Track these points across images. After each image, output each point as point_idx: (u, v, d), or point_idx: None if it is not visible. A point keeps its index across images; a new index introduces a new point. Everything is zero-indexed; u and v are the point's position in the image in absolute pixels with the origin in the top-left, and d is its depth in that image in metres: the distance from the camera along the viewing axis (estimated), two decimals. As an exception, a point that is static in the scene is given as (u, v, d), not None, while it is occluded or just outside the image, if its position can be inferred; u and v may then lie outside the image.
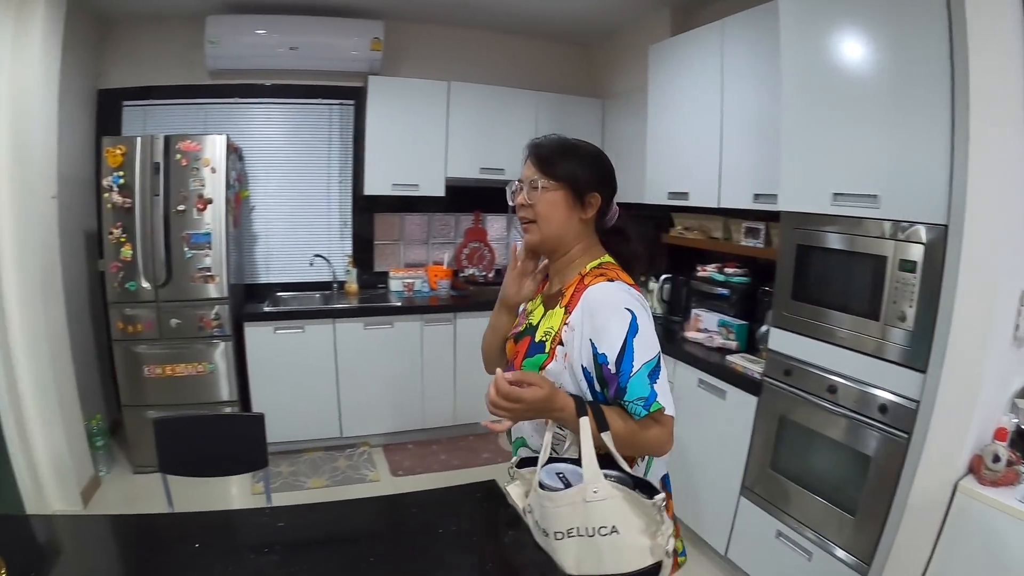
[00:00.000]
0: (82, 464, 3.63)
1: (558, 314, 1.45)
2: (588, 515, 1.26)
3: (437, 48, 4.74)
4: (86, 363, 4.12)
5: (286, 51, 4.21)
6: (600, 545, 1.26)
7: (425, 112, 4.37)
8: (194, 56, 4.25)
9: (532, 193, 1.45)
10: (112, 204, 3.68)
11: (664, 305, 3.73)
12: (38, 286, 3.26)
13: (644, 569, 1.27)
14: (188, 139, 3.75)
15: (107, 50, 4.33)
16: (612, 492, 1.27)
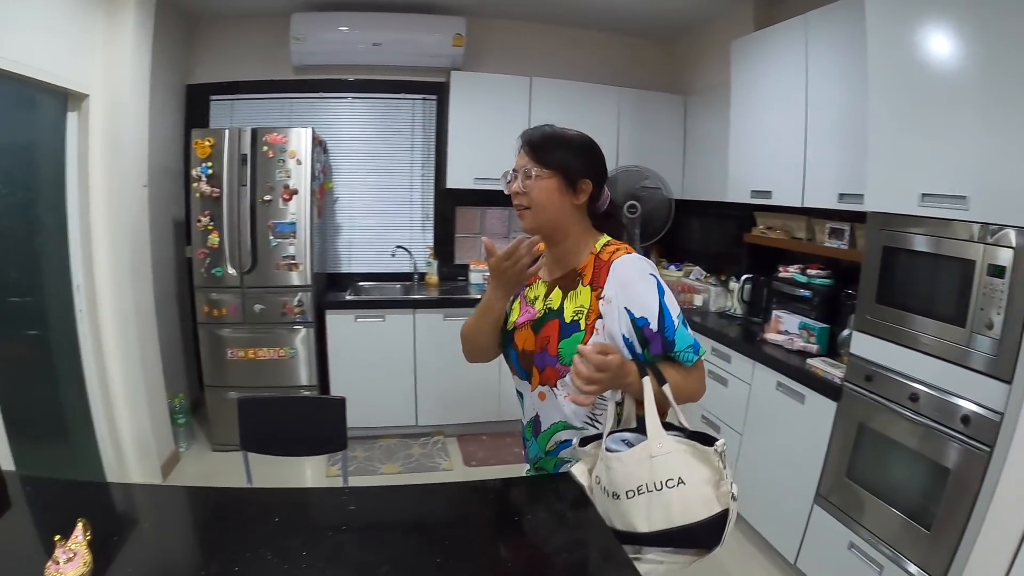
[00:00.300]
0: (163, 440, 3.86)
1: (585, 292, 1.52)
2: (655, 470, 1.31)
3: (519, 43, 4.81)
4: (172, 344, 4.39)
5: (369, 47, 4.36)
6: (668, 498, 1.31)
7: (507, 107, 4.44)
8: (279, 52, 4.46)
9: (526, 181, 1.52)
10: (201, 193, 3.90)
11: (744, 306, 3.69)
12: (128, 270, 3.49)
13: (713, 517, 1.32)
14: (275, 132, 3.92)
15: (195, 47, 4.61)
16: (675, 446, 1.33)
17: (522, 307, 1.65)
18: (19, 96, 2.97)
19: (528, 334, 1.60)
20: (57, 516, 1.10)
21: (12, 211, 2.99)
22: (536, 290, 1.64)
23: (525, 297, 1.66)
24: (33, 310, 3.23)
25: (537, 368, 1.57)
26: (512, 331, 1.65)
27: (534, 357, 1.57)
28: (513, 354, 1.66)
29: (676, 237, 4.79)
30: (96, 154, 3.32)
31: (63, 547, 1.06)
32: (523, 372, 1.63)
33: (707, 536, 1.34)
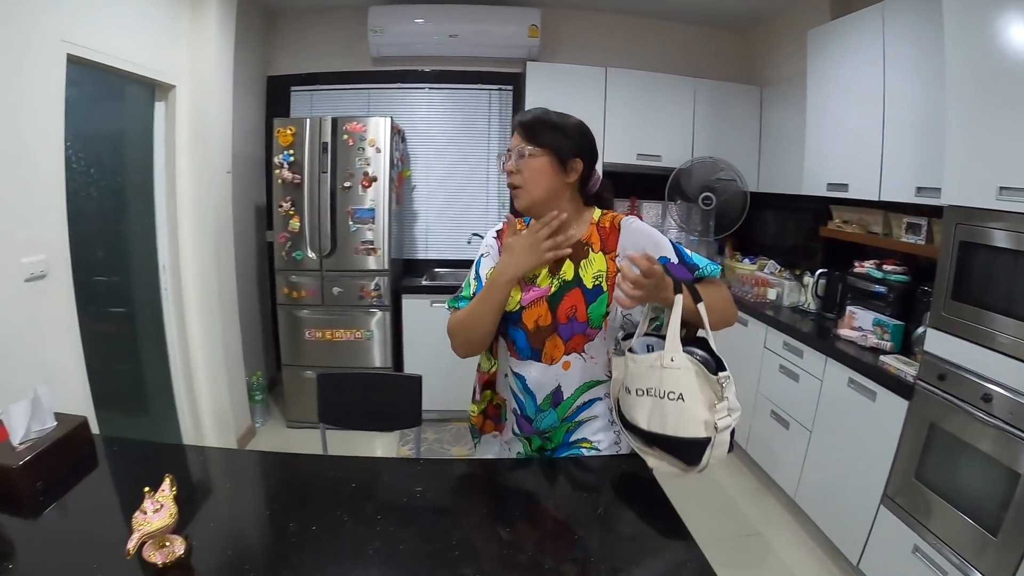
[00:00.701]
0: (240, 414, 4.10)
1: (599, 258, 1.65)
2: (662, 379, 1.44)
3: (593, 34, 4.85)
4: (252, 324, 4.66)
5: (445, 38, 4.49)
6: (667, 408, 1.44)
7: (582, 97, 4.48)
8: (358, 44, 4.66)
9: (519, 161, 1.62)
10: (282, 180, 4.11)
11: (818, 301, 3.66)
12: (212, 252, 3.71)
13: (696, 439, 1.43)
14: (354, 121, 4.09)
15: (275, 40, 4.85)
16: (686, 364, 1.44)
17: (522, 287, 1.68)
18: (110, 87, 3.18)
19: (541, 310, 1.65)
20: (141, 474, 1.22)
21: (104, 196, 3.20)
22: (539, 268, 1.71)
23: (522, 277, 1.70)
24: (121, 289, 3.46)
25: (561, 338, 1.65)
26: (518, 312, 1.67)
27: (555, 330, 1.64)
28: (520, 335, 1.69)
29: (751, 230, 4.77)
30: (182, 142, 3.55)
31: (151, 498, 1.16)
32: (531, 351, 1.68)
33: (690, 453, 1.44)
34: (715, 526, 3.27)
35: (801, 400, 3.24)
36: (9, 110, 2.28)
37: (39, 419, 1.60)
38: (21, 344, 2.37)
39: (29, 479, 1.43)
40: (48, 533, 1.33)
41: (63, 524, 1.37)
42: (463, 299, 1.76)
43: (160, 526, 1.13)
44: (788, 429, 3.33)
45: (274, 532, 1.33)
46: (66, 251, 2.65)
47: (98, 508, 1.42)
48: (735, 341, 4.01)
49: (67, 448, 1.59)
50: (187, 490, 1.41)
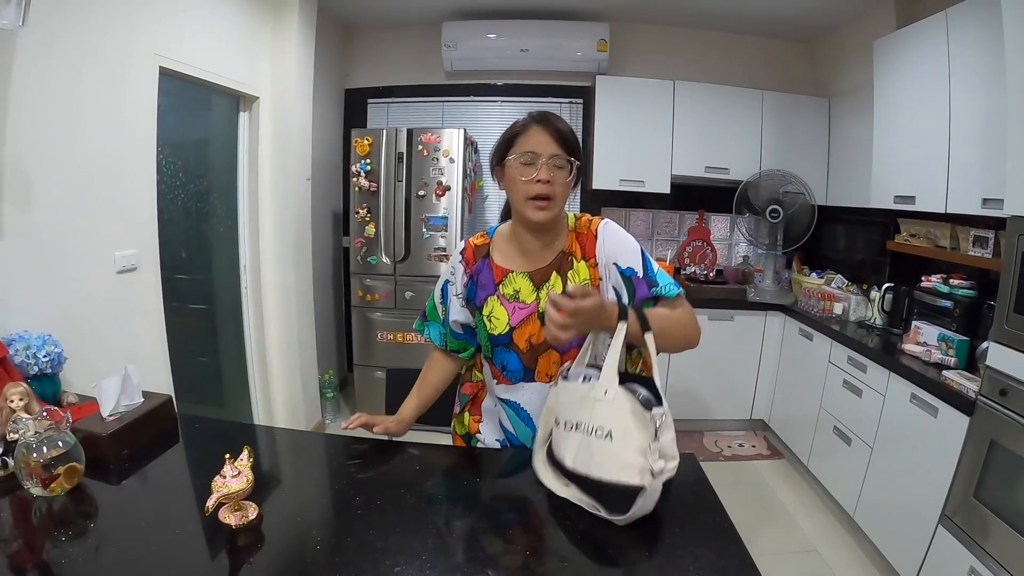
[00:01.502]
0: (312, 409, 4.30)
1: (582, 266, 1.60)
2: (592, 413, 1.32)
3: (661, 48, 4.91)
4: (326, 324, 4.89)
5: (516, 53, 4.62)
6: (593, 446, 1.31)
7: (651, 110, 4.55)
8: (431, 58, 4.83)
9: (556, 172, 1.52)
10: (359, 188, 4.33)
11: (884, 316, 3.60)
12: (290, 254, 3.92)
13: (624, 485, 1.27)
14: (429, 132, 4.26)
15: (353, 54, 5.10)
16: (621, 398, 1.31)
17: (507, 306, 1.62)
18: (199, 99, 3.44)
19: (534, 328, 1.58)
20: (217, 449, 1.31)
21: (191, 199, 3.43)
22: (515, 284, 1.63)
23: (503, 296, 1.63)
24: (204, 286, 3.70)
25: (558, 352, 1.59)
26: (508, 333, 1.61)
27: (551, 345, 1.57)
28: (511, 357, 1.63)
29: (819, 244, 4.73)
30: (265, 150, 3.78)
31: (232, 464, 1.26)
32: (524, 372, 1.63)
33: (615, 500, 1.28)
34: (771, 540, 3.25)
35: (863, 416, 3.20)
36: (108, 117, 2.52)
37: (128, 394, 1.75)
38: (113, 330, 2.59)
39: (116, 447, 1.58)
40: (130, 496, 1.47)
41: (145, 489, 1.52)
42: (432, 324, 1.81)
43: (238, 489, 1.24)
44: (850, 446, 3.29)
45: (340, 505, 1.43)
46: (155, 247, 2.88)
47: (177, 477, 1.57)
48: (799, 355, 3.99)
49: (152, 422, 1.74)
50: (261, 464, 1.51)
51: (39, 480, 1.35)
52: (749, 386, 4.46)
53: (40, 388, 1.97)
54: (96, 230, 2.49)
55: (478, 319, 1.67)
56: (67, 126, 2.32)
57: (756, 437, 4.51)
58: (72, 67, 2.32)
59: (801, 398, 3.93)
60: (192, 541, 1.23)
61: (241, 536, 1.24)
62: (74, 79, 2.33)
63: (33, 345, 2.00)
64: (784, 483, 3.87)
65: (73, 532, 1.26)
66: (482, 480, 1.59)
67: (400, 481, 1.51)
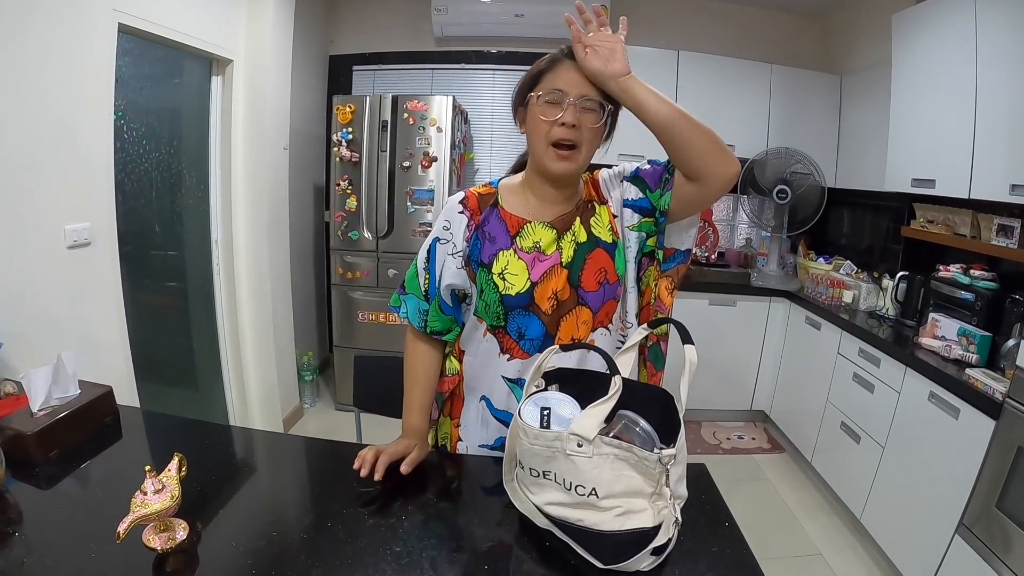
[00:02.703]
0: (288, 394, 4.15)
1: (604, 210, 1.45)
2: (565, 467, 1.09)
3: (665, 16, 4.72)
4: (306, 303, 4.73)
5: (511, 18, 4.44)
6: (574, 499, 1.10)
7: (652, 81, 4.14)
8: (421, 24, 4.65)
9: (585, 115, 1.33)
10: (340, 158, 4.14)
11: (897, 306, 3.45)
12: (265, 228, 3.74)
13: (626, 533, 1.07)
14: (415, 99, 4.06)
15: (337, 20, 4.89)
16: (602, 449, 1.06)
17: (526, 259, 1.41)
18: (169, 62, 3.25)
19: (559, 282, 1.39)
20: (162, 449, 1.20)
21: (158, 169, 3.25)
22: (534, 235, 1.42)
23: (520, 248, 1.42)
24: (173, 262, 3.53)
25: (590, 310, 1.41)
26: (528, 291, 1.39)
27: (579, 302, 1.40)
28: (531, 322, 1.41)
29: (827, 228, 4.58)
30: (238, 117, 3.59)
31: (153, 478, 1.11)
32: (544, 341, 1.41)
33: (609, 549, 1.08)
34: (772, 543, 3.13)
35: (875, 413, 3.06)
36: (58, 79, 2.31)
37: (61, 386, 1.60)
38: (63, 309, 2.41)
39: (44, 447, 1.43)
40: (57, 504, 1.31)
41: (74, 496, 1.35)
42: (410, 297, 1.55)
43: (157, 509, 1.08)
44: (859, 444, 3.16)
45: (287, 525, 1.26)
46: (112, 220, 2.68)
47: (112, 482, 1.38)
48: (805, 344, 3.84)
49: (88, 417, 1.58)
50: (203, 471, 1.36)
51: None
52: (750, 375, 4.33)
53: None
54: (43, 202, 2.29)
55: (483, 281, 1.41)
56: (10, 89, 2.11)
57: (756, 429, 4.39)
58: (16, 22, 2.10)
59: (806, 390, 3.79)
60: (106, 567, 1.07)
61: (169, 561, 1.09)
62: (18, 36, 2.11)
63: None
64: (785, 479, 3.75)
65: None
66: (459, 497, 1.41)
67: (358, 496, 1.32)
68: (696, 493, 1.28)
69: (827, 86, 4.37)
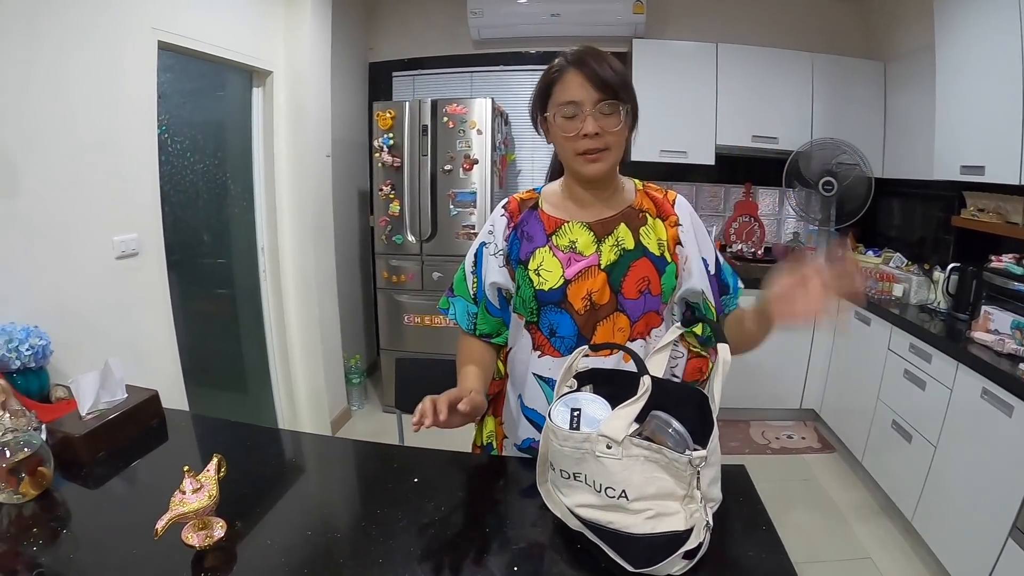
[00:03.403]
0: (336, 396, 4.19)
1: (659, 224, 1.44)
2: (594, 470, 1.08)
3: (702, 8, 4.62)
4: (353, 308, 4.79)
5: (547, 18, 4.39)
6: (604, 501, 1.08)
7: (693, 75, 4.29)
8: (458, 28, 4.65)
9: (604, 121, 1.31)
10: (382, 163, 4.19)
11: (949, 299, 3.28)
12: (310, 234, 3.79)
13: (660, 535, 1.04)
14: (455, 103, 4.08)
15: (376, 27, 4.95)
16: (632, 451, 1.05)
17: (561, 257, 1.40)
18: (209, 75, 3.32)
19: (595, 283, 1.37)
20: (207, 451, 1.26)
21: (206, 181, 3.34)
22: (571, 234, 1.42)
23: (556, 247, 1.41)
24: (223, 271, 3.62)
25: (628, 318, 1.38)
26: (560, 288, 1.38)
27: (617, 308, 1.37)
28: (563, 320, 1.40)
29: (875, 219, 4.41)
30: (280, 126, 3.65)
31: (192, 478, 1.14)
32: (577, 341, 1.39)
33: (643, 551, 1.05)
34: (821, 546, 2.98)
35: (927, 410, 2.92)
36: (101, 96, 2.39)
37: (109, 390, 1.65)
38: (113, 318, 2.50)
39: (91, 448, 1.49)
40: (103, 503, 1.37)
41: (119, 495, 1.41)
42: (459, 300, 1.57)
43: (196, 508, 1.11)
44: (910, 443, 3.01)
45: (322, 525, 1.27)
46: (159, 230, 2.76)
47: (155, 482, 1.41)
48: (855, 341, 3.70)
49: (134, 420, 1.65)
50: (245, 472, 1.40)
51: (6, 484, 1.26)
52: (799, 373, 4.18)
53: (25, 383, 1.91)
54: (92, 215, 2.38)
55: (520, 277, 1.43)
56: (56, 108, 2.21)
57: (806, 428, 4.24)
58: (60, 46, 2.20)
59: (856, 388, 3.65)
60: (147, 563, 1.11)
61: (207, 558, 1.11)
62: (63, 58, 2.22)
63: (16, 338, 1.91)
64: (836, 480, 3.61)
65: (25, 541, 1.17)
66: (493, 498, 1.39)
67: (395, 498, 1.33)
68: (733, 495, 1.26)
69: (871, 73, 4.20)
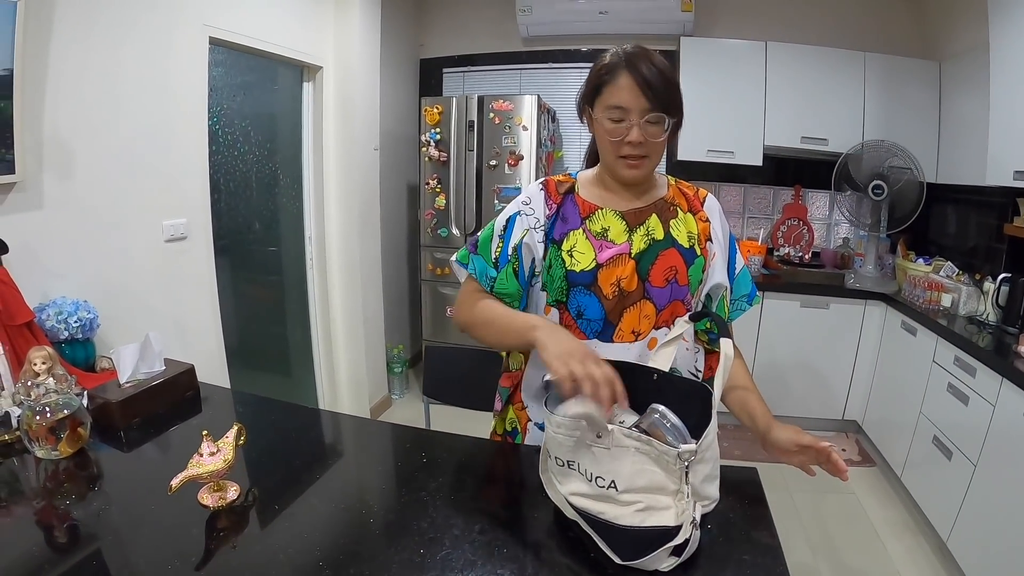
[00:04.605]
0: (377, 384, 4.23)
1: (690, 219, 1.45)
2: (587, 458, 1.07)
3: (751, 6, 4.46)
4: (399, 298, 4.85)
5: (595, 16, 4.34)
6: (595, 491, 1.06)
7: (741, 74, 4.15)
8: (507, 25, 4.63)
9: (648, 129, 1.30)
10: (429, 158, 4.20)
11: (998, 311, 3.06)
12: (356, 224, 3.84)
13: (650, 529, 1.01)
14: (501, 99, 4.07)
15: (426, 23, 4.98)
16: (623, 441, 1.03)
17: (594, 243, 1.38)
18: (260, 70, 3.40)
19: (625, 270, 1.35)
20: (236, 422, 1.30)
21: (256, 171, 3.43)
22: (604, 220, 1.40)
23: (589, 231, 1.39)
24: (271, 258, 3.71)
25: (655, 305, 1.37)
26: (592, 270, 1.36)
27: (644, 295, 1.36)
28: (591, 303, 1.37)
29: (927, 226, 4.18)
30: (329, 120, 3.71)
31: (210, 442, 1.21)
32: (604, 325, 1.37)
33: (629, 544, 1.02)
34: (851, 560, 2.86)
35: (969, 427, 2.72)
36: (154, 88, 2.52)
37: (148, 362, 1.75)
38: (158, 298, 2.63)
39: (126, 415, 1.59)
40: (133, 464, 1.48)
41: (148, 458, 1.51)
42: (479, 258, 1.46)
43: (210, 470, 1.18)
44: (950, 460, 2.82)
45: (329, 496, 1.32)
46: (207, 216, 2.88)
47: (184, 448, 1.40)
48: (900, 351, 3.50)
49: (170, 391, 1.74)
50: (268, 443, 1.54)
51: (46, 441, 1.38)
52: (843, 383, 3.99)
53: (72, 352, 2.06)
54: (142, 199, 2.52)
55: (553, 256, 1.40)
56: (110, 98, 2.35)
57: (848, 440, 4.05)
58: (114, 39, 2.34)
59: (899, 400, 3.45)
60: (164, 519, 1.18)
61: (221, 518, 1.17)
62: (117, 51, 2.36)
63: (65, 311, 2.05)
64: (873, 495, 3.43)
65: (59, 495, 1.27)
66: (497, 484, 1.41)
67: (402, 477, 1.39)
68: (739, 498, 1.26)
69: (925, 73, 3.97)
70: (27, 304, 1.92)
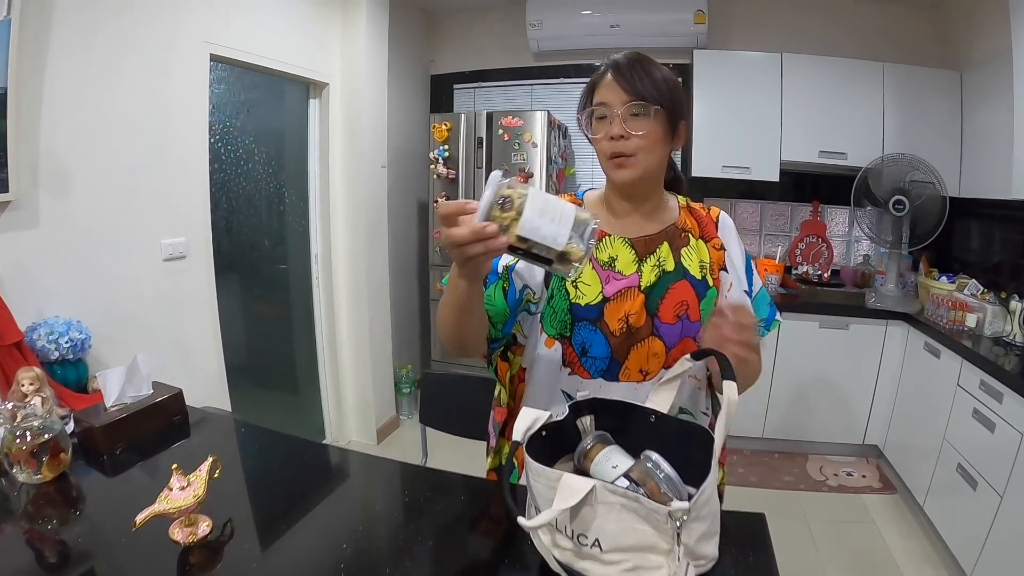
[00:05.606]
0: (384, 404, 4.15)
1: (701, 246, 1.37)
2: (569, 511, 0.94)
3: (766, 17, 4.34)
4: (409, 317, 4.75)
5: (606, 29, 4.26)
6: (582, 551, 0.96)
7: (756, 87, 4.03)
8: (518, 40, 4.58)
9: (630, 122, 1.22)
10: (437, 175, 4.16)
11: (1026, 333, 2.90)
12: (363, 242, 3.78)
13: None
14: (510, 115, 4.01)
15: (436, 40, 4.94)
16: (607, 498, 0.92)
17: (601, 274, 1.30)
18: (265, 87, 3.36)
19: (633, 305, 1.27)
20: (223, 451, 1.27)
21: (260, 188, 3.38)
22: (611, 249, 1.32)
23: (596, 260, 1.31)
24: (276, 276, 3.66)
25: (664, 343, 1.28)
26: (598, 305, 1.28)
27: (652, 331, 1.28)
28: (597, 339, 1.29)
29: (950, 242, 4.01)
30: (336, 137, 3.68)
31: (180, 475, 1.16)
32: (609, 364, 1.29)
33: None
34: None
35: (995, 455, 2.56)
36: (153, 106, 2.50)
37: (135, 385, 1.70)
38: (160, 317, 2.60)
39: (110, 440, 1.54)
40: (113, 491, 1.43)
41: (129, 486, 1.45)
42: None
43: (178, 506, 1.12)
44: (975, 490, 2.66)
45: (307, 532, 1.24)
46: (207, 235, 2.84)
47: (167, 476, 1.33)
48: (923, 373, 3.34)
49: (157, 416, 1.69)
50: (250, 474, 1.50)
51: (27, 465, 1.35)
52: (864, 406, 3.82)
53: (63, 373, 2.03)
54: (141, 218, 2.50)
55: (555, 286, 1.31)
56: (108, 116, 2.34)
57: (868, 466, 3.85)
58: (113, 56, 2.33)
59: (922, 425, 3.28)
60: (134, 552, 1.13)
61: (193, 554, 1.12)
62: (115, 68, 2.35)
63: (56, 331, 2.01)
64: (893, 524, 3.25)
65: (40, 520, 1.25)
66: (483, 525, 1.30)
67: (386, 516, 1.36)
68: (742, 550, 1.10)
69: (946, 84, 3.82)
70: (16, 324, 1.88)
